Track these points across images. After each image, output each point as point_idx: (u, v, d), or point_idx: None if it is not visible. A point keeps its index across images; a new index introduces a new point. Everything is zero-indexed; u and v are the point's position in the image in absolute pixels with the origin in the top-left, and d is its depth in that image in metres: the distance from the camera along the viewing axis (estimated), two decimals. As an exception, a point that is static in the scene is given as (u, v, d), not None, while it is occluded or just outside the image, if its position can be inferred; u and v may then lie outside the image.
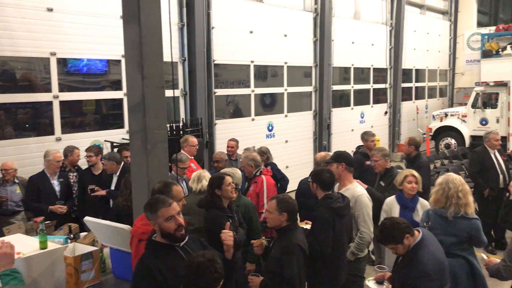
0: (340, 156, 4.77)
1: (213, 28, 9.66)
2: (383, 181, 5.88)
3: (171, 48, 4.01)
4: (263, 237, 4.23)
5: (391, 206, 5.02)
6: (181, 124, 8.29)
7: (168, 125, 7.36)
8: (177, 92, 9.16)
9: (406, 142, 6.93)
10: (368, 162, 6.56)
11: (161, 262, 2.92)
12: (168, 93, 4.71)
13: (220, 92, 10.07)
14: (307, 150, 12.50)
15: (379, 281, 3.79)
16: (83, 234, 4.94)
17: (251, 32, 10.63)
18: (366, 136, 7.13)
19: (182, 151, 6.68)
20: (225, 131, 9.79)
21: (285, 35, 11.55)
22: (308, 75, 12.61)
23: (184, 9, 9.11)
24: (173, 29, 8.97)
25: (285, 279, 3.53)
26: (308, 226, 4.34)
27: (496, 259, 3.96)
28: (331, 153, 5.53)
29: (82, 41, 7.66)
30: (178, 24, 9.11)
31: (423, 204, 5.01)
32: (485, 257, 4.05)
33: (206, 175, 4.95)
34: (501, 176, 7.33)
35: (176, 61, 9.09)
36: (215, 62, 9.79)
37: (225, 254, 3.58)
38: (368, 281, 3.86)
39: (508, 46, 17.16)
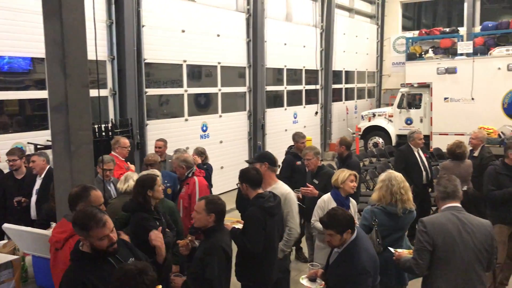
0: (263, 156, 4.82)
1: (143, 26, 9.44)
2: (316, 179, 6.01)
3: (95, 45, 3.84)
4: (189, 237, 4.19)
5: (328, 203, 5.05)
6: (110, 125, 8.02)
7: (96, 126, 7.10)
8: (105, 92, 8.85)
9: (337, 142, 7.13)
10: (298, 163, 6.69)
11: (92, 274, 2.78)
12: (96, 92, 4.53)
13: (151, 91, 9.86)
14: (242, 150, 12.55)
15: (312, 279, 3.85)
16: (2, 242, 4.65)
17: (183, 31, 10.49)
18: (297, 137, 7.25)
19: (113, 152, 6.48)
20: (157, 132, 9.59)
21: (218, 35, 11.52)
22: (242, 75, 12.66)
23: (113, 6, 8.83)
24: (101, 27, 8.67)
25: (206, 280, 3.52)
26: (240, 226, 4.35)
27: (405, 253, 4.06)
28: None
29: (3, 37, 7.20)
30: (106, 21, 8.81)
31: (353, 203, 5.22)
32: (392, 250, 4.15)
33: (134, 176, 4.84)
34: (424, 173, 7.72)
35: (104, 59, 8.79)
36: (146, 61, 9.57)
37: (156, 258, 3.51)
38: (302, 279, 3.92)
39: (430, 50, 18.17)
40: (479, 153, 7.25)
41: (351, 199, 5.16)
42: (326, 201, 5.10)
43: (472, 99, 14.45)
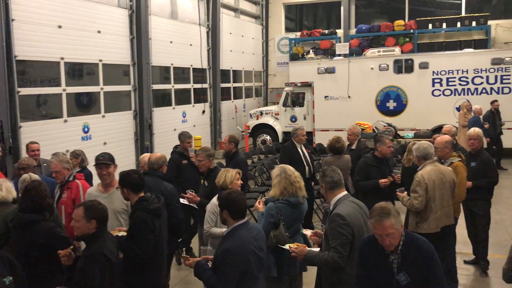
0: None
1: (13, 20, 8.66)
2: (207, 181, 5.94)
3: None
4: (71, 247, 3.94)
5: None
6: (-24, 128, 7.25)
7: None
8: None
9: (226, 140, 7.19)
10: (185, 162, 6.64)
11: None
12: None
13: (25, 91, 9.10)
14: (128, 151, 12.10)
15: None
16: None
17: (59, 26, 9.83)
18: (183, 137, 7.16)
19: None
20: (33, 134, 8.84)
21: (99, 32, 10.97)
22: (126, 73, 12.22)
23: (-24, -2, 8.00)
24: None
25: None
26: (121, 233, 4.17)
27: (302, 246, 4.16)
28: None
29: None
30: (-32, 13, 7.96)
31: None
32: (287, 247, 4.21)
33: (6, 184, 4.44)
34: (306, 168, 8.06)
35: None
36: (18, 58, 8.80)
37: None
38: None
39: (311, 50, 19.13)
40: (356, 147, 7.81)
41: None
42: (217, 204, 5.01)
43: (349, 97, 15.49)
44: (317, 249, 4.19)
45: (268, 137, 16.62)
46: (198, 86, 15.68)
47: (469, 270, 6.60)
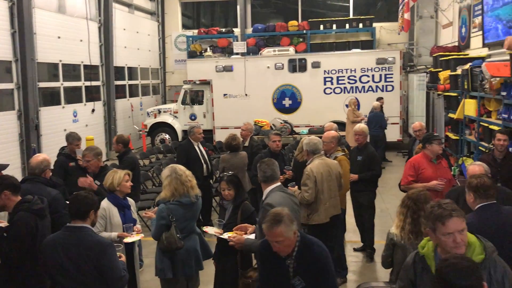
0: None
1: None
2: (98, 180, 5.70)
3: None
4: None
5: (109, 210, 4.75)
6: None
7: None
8: None
9: (114, 140, 7.01)
10: (72, 164, 6.30)
11: None
12: None
13: None
14: (12, 154, 11.15)
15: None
16: None
17: None
18: (71, 138, 6.73)
19: None
20: None
21: (-26, 24, 10.00)
22: (8, 70, 11.25)
23: None
24: None
25: None
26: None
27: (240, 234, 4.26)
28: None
29: None
30: None
31: (132, 202, 5.10)
32: (226, 236, 4.28)
33: None
34: (204, 166, 8.06)
35: None
36: None
37: None
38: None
39: (209, 48, 19.13)
40: (249, 143, 7.96)
41: (129, 198, 5.04)
42: (106, 208, 4.75)
43: (246, 95, 15.75)
44: (253, 236, 4.26)
45: (167, 136, 16.35)
46: (92, 83, 14.92)
47: (358, 257, 7.03)
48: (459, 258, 2.45)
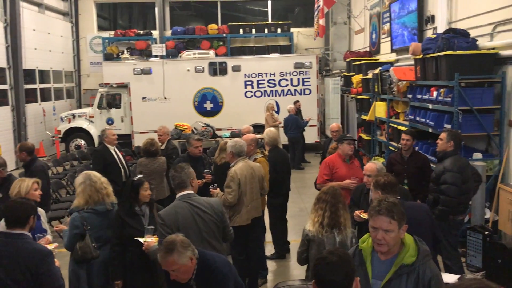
0: None
1: None
2: (1, 191, 5.48)
3: None
4: None
5: None
6: None
7: None
8: None
9: (17, 149, 6.61)
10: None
11: None
12: None
13: None
14: None
15: None
16: None
17: None
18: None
19: None
20: None
21: None
22: None
23: None
24: None
25: None
26: None
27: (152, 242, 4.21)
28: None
29: None
30: None
31: (41, 212, 4.80)
32: (141, 241, 4.23)
33: None
34: (122, 170, 7.80)
35: None
36: None
37: None
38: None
39: (126, 51, 18.62)
40: (166, 146, 7.84)
41: (38, 208, 4.74)
42: None
43: (165, 98, 15.51)
44: None
45: (83, 142, 15.67)
46: (-3, 87, 13.94)
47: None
48: (331, 253, 2.43)
